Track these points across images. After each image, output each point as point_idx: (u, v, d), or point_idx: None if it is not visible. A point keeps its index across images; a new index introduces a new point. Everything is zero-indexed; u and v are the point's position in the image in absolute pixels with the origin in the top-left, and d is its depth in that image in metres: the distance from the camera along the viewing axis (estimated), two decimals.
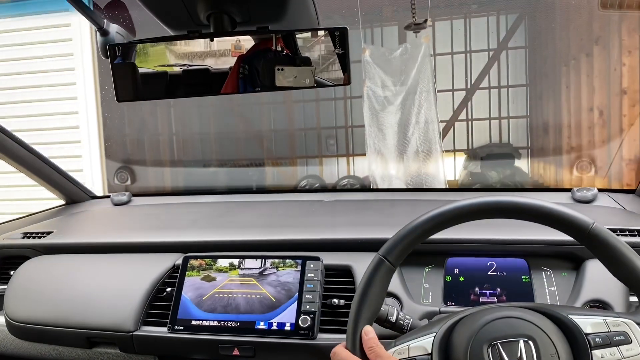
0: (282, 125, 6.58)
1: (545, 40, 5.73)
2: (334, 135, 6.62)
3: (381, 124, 4.17)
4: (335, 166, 6.49)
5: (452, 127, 6.32)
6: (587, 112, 4.67)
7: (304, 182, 5.75)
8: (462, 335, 0.79)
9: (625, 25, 4.11)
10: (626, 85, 4.20)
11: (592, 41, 4.63)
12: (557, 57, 5.33)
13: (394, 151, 4.16)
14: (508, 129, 6.39)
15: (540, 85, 5.99)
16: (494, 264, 1.15)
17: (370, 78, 4.10)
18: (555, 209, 0.80)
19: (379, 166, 4.20)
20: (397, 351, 0.81)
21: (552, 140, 5.54)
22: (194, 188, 5.83)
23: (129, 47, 0.81)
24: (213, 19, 0.77)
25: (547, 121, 5.69)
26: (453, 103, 6.26)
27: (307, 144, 6.60)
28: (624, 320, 0.77)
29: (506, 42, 6.14)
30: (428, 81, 4.04)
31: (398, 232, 0.84)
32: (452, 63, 6.18)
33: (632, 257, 0.77)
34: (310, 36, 0.79)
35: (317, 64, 0.79)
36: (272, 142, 6.60)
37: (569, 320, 0.78)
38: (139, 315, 1.16)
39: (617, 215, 1.33)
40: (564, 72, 5.19)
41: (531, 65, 6.16)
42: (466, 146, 6.45)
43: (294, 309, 1.09)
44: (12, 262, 1.47)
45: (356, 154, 6.36)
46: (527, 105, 6.29)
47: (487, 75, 6.18)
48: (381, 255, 0.84)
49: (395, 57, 4.10)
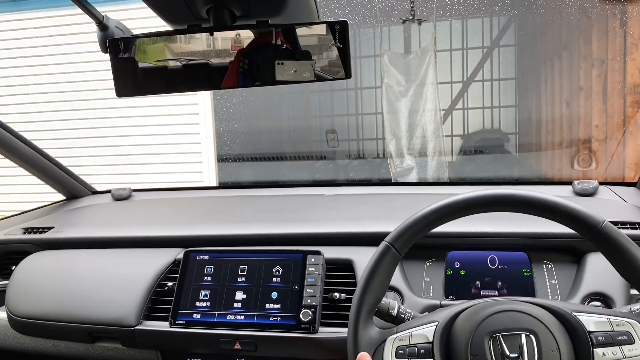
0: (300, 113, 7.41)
1: (532, 39, 6.59)
2: (334, 129, 7.14)
3: (396, 112, 5.36)
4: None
5: (451, 114, 7.18)
6: (560, 104, 5.49)
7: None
8: (464, 326, 0.79)
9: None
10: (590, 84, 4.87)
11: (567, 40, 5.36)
12: (542, 54, 6.09)
13: (405, 133, 5.37)
14: (499, 117, 7.30)
15: (526, 79, 6.87)
16: (495, 257, 1.15)
17: (388, 76, 5.33)
18: (566, 205, 0.80)
19: (394, 145, 5.45)
20: (399, 337, 0.82)
21: (534, 127, 6.37)
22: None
23: (128, 41, 0.80)
24: (213, 13, 0.76)
25: (532, 110, 6.52)
26: (451, 94, 7.08)
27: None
28: (628, 320, 0.77)
29: (498, 40, 7.08)
30: (432, 78, 5.19)
31: (406, 220, 0.85)
32: (451, 58, 6.99)
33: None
34: (310, 30, 0.78)
35: (317, 57, 0.78)
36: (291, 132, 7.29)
37: (573, 317, 0.78)
38: (140, 309, 1.17)
39: (618, 209, 1.33)
40: (543, 69, 6.09)
41: (520, 60, 7.11)
42: (462, 132, 7.40)
43: (295, 303, 1.09)
44: (13, 258, 1.47)
45: (365, 138, 7.32)
46: (515, 96, 7.25)
47: (481, 69, 7.08)
48: (388, 242, 0.84)
49: (407, 60, 5.35)
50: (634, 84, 4.31)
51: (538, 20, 6.09)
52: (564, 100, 5.33)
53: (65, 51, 5.26)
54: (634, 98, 4.35)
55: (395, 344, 0.81)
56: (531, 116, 6.39)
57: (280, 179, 6.50)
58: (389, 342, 0.82)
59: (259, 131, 6.60)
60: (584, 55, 4.82)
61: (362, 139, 7.37)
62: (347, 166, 6.78)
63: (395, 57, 5.36)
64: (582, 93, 4.88)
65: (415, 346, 0.80)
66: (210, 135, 5.35)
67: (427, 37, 5.52)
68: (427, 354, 0.79)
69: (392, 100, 5.30)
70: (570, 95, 5.17)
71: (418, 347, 0.80)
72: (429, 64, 5.16)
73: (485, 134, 7.08)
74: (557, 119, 5.47)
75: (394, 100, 5.29)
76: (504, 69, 7.14)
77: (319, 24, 0.77)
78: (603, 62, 4.56)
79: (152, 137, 5.38)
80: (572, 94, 5.14)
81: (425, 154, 5.35)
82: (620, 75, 4.40)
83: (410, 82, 5.25)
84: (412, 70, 5.26)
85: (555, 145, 5.59)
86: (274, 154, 6.56)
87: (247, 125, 6.27)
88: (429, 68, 5.17)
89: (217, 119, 5.53)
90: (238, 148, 6.00)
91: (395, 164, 5.40)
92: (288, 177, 6.71)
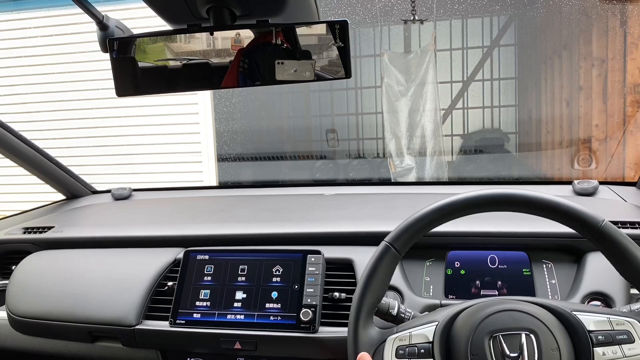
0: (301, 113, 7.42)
1: (532, 38, 6.56)
2: (335, 129, 7.15)
3: (396, 111, 5.33)
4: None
5: (450, 114, 7.17)
6: (560, 104, 5.49)
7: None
8: (464, 325, 0.79)
9: None
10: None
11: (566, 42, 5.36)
12: (542, 53, 6.09)
13: (405, 133, 5.35)
14: (499, 117, 7.27)
15: (526, 78, 6.85)
16: (495, 257, 1.15)
17: (388, 76, 5.30)
18: (566, 204, 0.80)
19: (394, 145, 5.43)
20: (399, 337, 0.82)
21: (534, 126, 6.36)
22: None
23: (128, 41, 0.80)
24: (213, 13, 0.76)
25: (532, 110, 6.51)
26: (451, 93, 7.07)
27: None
28: (628, 320, 0.77)
29: (498, 40, 7.05)
30: (432, 77, 5.18)
31: (405, 220, 0.85)
32: (451, 58, 6.96)
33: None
34: (310, 30, 0.78)
35: (317, 57, 0.78)
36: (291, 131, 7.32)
37: (573, 316, 0.78)
38: (140, 309, 1.17)
39: (618, 208, 1.33)
40: (543, 69, 6.07)
41: (519, 60, 7.09)
42: (462, 131, 7.37)
43: (295, 302, 1.09)
44: (13, 257, 1.47)
45: (365, 137, 7.33)
46: (515, 95, 7.23)
47: (481, 68, 7.06)
48: (387, 242, 0.84)
49: (407, 60, 5.33)
50: (634, 84, 4.32)
51: (538, 19, 6.10)
52: (563, 100, 5.35)
53: (65, 51, 5.26)
54: (633, 97, 4.35)
55: (396, 343, 0.81)
56: (531, 116, 6.42)
57: (280, 179, 6.51)
58: (389, 342, 0.82)
59: (259, 131, 6.61)
60: (584, 55, 4.83)
61: (362, 139, 7.37)
62: (347, 166, 6.80)
63: (395, 57, 5.38)
64: (582, 92, 4.89)
65: (415, 346, 0.80)
66: (211, 134, 5.36)
67: (427, 37, 5.54)
68: (427, 354, 0.79)
69: (392, 99, 5.32)
70: (570, 94, 5.19)
71: (418, 347, 0.80)
72: (429, 64, 5.17)
73: (485, 134, 7.11)
74: (557, 118, 5.50)
75: (394, 99, 5.31)
76: (504, 69, 7.15)
77: (319, 24, 0.77)
78: (603, 62, 4.57)
79: (152, 137, 5.40)
80: (572, 94, 5.15)
81: (425, 154, 5.37)
82: (621, 74, 4.41)
83: (410, 81, 5.26)
84: (412, 70, 5.27)
85: (555, 144, 5.61)
86: (274, 154, 6.58)
87: (248, 125, 6.30)
88: (429, 67, 5.18)
89: (217, 119, 5.55)
90: (238, 148, 6.02)
91: (395, 164, 5.42)
92: (288, 177, 6.72)
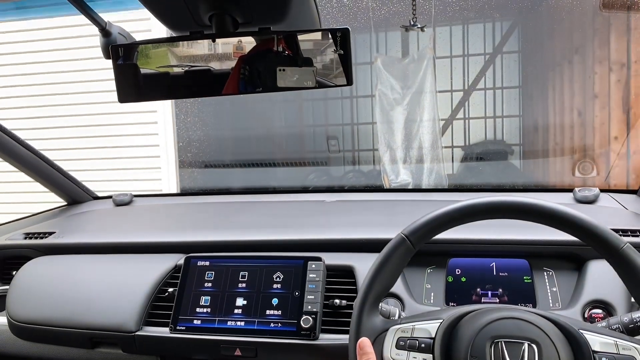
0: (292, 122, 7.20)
1: (537, 45, 6.27)
2: (336, 136, 7.03)
3: (390, 121, 4.79)
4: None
5: (451, 124, 6.86)
6: (570, 113, 5.23)
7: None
8: (469, 327, 0.79)
9: None
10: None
11: (572, 50, 5.12)
12: (547, 61, 5.85)
13: (401, 145, 4.81)
14: (502, 127, 6.98)
15: (531, 87, 6.56)
16: (496, 264, 1.15)
17: (381, 82, 4.75)
18: (589, 222, 0.79)
19: (388, 157, 4.89)
20: (401, 329, 0.82)
21: (541, 138, 6.10)
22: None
23: (130, 47, 0.81)
24: (215, 20, 0.76)
25: (537, 120, 6.25)
26: (452, 103, 6.77)
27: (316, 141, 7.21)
28: (635, 346, 0.76)
29: (501, 46, 6.75)
30: (431, 85, 4.67)
31: (425, 215, 0.84)
32: (451, 66, 6.70)
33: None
34: (311, 37, 0.79)
35: (318, 64, 0.79)
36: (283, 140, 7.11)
37: (579, 334, 0.77)
38: (141, 315, 1.17)
39: (619, 216, 1.33)
40: (551, 76, 5.79)
41: (523, 68, 6.77)
42: (463, 143, 7.03)
43: (295, 309, 1.09)
44: (14, 263, 1.47)
45: (361, 149, 7.03)
46: (519, 105, 6.90)
47: (483, 77, 6.77)
48: (404, 235, 0.84)
49: (403, 65, 4.76)
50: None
51: (544, 23, 5.83)
52: (572, 109, 5.17)
53: (66, 57, 5.27)
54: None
55: (397, 334, 0.81)
56: (537, 126, 6.21)
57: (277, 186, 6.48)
58: (391, 332, 0.82)
59: (247, 140, 6.53)
60: (600, 59, 4.61)
61: (358, 150, 7.21)
62: (341, 178, 6.64)
63: (389, 62, 4.80)
64: (591, 101, 4.75)
65: (416, 339, 0.80)
66: (172, 144, 5.23)
67: (425, 41, 4.96)
68: (427, 349, 0.79)
69: (386, 108, 4.77)
70: (584, 103, 4.99)
71: (419, 341, 0.80)
72: (426, 70, 4.65)
73: (487, 145, 6.85)
74: (566, 129, 5.30)
75: (389, 108, 4.77)
76: (508, 77, 6.91)
77: (321, 31, 0.78)
78: (623, 66, 4.37)
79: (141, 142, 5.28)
80: (585, 102, 4.97)
81: (423, 168, 4.85)
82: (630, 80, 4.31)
83: (406, 89, 4.73)
84: (408, 76, 4.73)
85: (557, 155, 5.48)
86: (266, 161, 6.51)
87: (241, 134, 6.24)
88: (427, 74, 4.66)
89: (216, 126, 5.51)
90: (229, 156, 5.97)
91: (389, 179, 4.89)
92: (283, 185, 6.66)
